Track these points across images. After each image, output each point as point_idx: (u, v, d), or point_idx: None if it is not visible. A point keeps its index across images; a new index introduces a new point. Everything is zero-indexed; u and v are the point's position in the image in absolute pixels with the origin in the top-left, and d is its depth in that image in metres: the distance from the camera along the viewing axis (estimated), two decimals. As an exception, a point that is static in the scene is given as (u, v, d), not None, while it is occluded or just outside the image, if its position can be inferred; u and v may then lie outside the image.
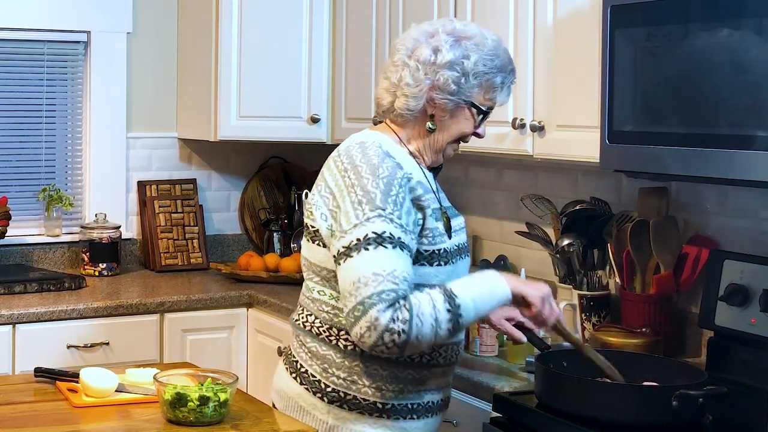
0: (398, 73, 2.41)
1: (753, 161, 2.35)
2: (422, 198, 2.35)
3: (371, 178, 2.29)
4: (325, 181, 2.38)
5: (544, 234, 3.41)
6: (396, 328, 2.19)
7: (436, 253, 2.36)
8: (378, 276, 2.21)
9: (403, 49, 2.43)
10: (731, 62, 2.40)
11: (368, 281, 2.21)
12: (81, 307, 3.71)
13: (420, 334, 2.21)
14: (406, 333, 2.19)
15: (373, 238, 2.23)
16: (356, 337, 2.23)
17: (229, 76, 4.18)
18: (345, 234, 2.26)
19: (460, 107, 2.41)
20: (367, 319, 2.19)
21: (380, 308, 2.18)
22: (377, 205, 2.26)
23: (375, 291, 2.20)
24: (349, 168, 2.33)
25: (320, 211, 2.35)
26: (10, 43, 4.25)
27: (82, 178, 4.42)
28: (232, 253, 4.66)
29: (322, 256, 2.37)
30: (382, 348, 2.21)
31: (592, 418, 2.38)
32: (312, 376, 2.41)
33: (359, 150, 2.35)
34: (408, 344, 2.21)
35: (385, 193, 2.27)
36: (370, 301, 2.19)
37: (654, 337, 2.93)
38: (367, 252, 2.23)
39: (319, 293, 2.41)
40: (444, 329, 2.25)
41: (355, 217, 2.26)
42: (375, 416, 2.39)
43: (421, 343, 2.24)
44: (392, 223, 2.26)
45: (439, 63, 2.38)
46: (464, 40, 2.39)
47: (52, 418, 2.34)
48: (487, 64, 2.39)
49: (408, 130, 2.45)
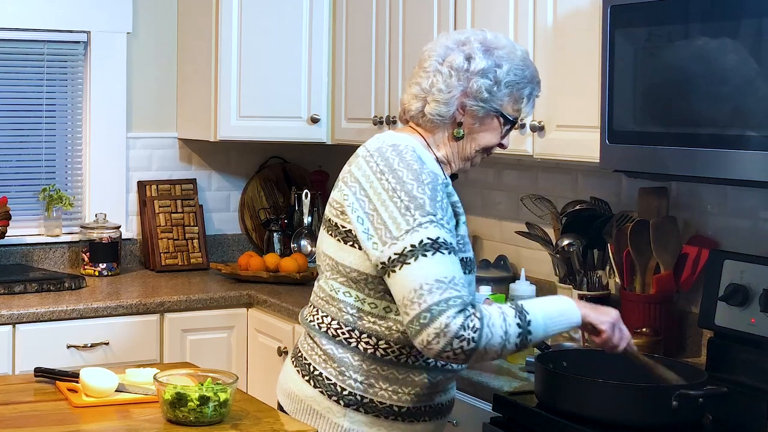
0: (429, 79, 2.40)
1: (753, 161, 2.35)
2: (456, 205, 2.36)
3: (416, 183, 2.27)
4: (359, 182, 2.33)
5: (544, 234, 3.41)
6: (466, 336, 2.17)
7: (464, 260, 2.35)
8: (441, 283, 2.19)
9: (435, 56, 2.41)
10: (731, 62, 2.40)
11: (432, 288, 2.19)
12: (81, 307, 3.71)
13: (489, 344, 2.20)
14: (475, 342, 2.18)
15: (429, 244, 2.22)
16: (422, 344, 2.20)
17: (229, 76, 4.18)
18: (396, 240, 2.23)
19: (489, 116, 2.41)
20: (436, 326, 2.17)
21: (450, 315, 2.17)
22: (428, 210, 2.24)
23: (442, 298, 2.18)
24: (386, 171, 2.30)
25: (356, 214, 2.31)
26: (10, 43, 4.25)
27: (82, 178, 4.42)
28: (232, 253, 4.66)
29: (355, 258, 2.34)
30: (449, 354, 2.19)
31: (592, 418, 2.38)
32: (327, 379, 2.40)
33: (394, 153, 2.32)
34: (476, 353, 2.20)
35: (432, 198, 2.26)
36: (438, 308, 2.18)
37: (654, 337, 2.93)
38: (425, 258, 2.21)
39: (344, 294, 2.38)
40: (512, 344, 2.24)
41: (406, 223, 2.24)
42: (390, 419, 2.39)
43: (487, 353, 2.22)
44: (443, 228, 2.25)
45: (472, 70, 2.37)
46: (495, 50, 2.39)
47: (52, 418, 2.34)
48: (518, 74, 2.40)
49: (437, 135, 2.43)
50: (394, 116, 3.68)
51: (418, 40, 3.54)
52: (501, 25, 3.14)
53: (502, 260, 3.63)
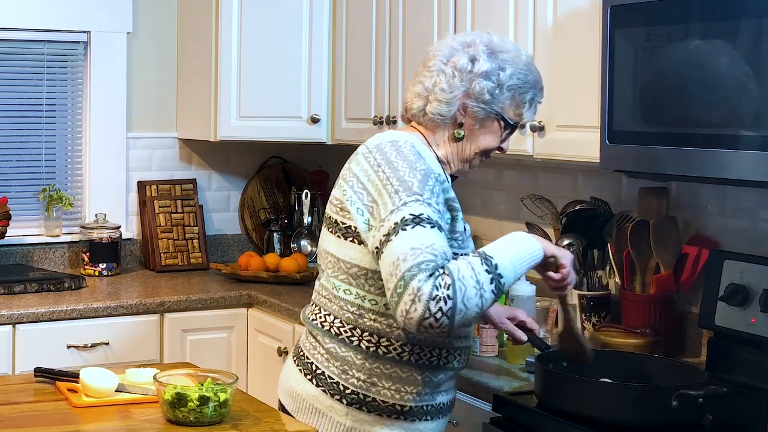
0: (433, 78, 2.42)
1: (753, 161, 2.35)
2: (453, 201, 2.36)
3: (408, 170, 2.28)
4: (357, 176, 2.35)
5: (544, 234, 3.40)
6: (440, 295, 2.14)
7: (463, 257, 2.35)
8: (416, 250, 2.18)
9: (439, 56, 2.43)
10: (731, 62, 2.40)
11: (406, 256, 2.17)
12: (81, 307, 3.71)
13: (465, 297, 2.17)
14: (451, 299, 2.15)
15: (410, 219, 2.21)
16: (402, 316, 2.17)
17: (229, 76, 4.18)
18: (383, 222, 2.24)
19: (490, 118, 2.42)
20: (410, 292, 2.15)
21: (421, 278, 2.15)
22: (414, 191, 2.25)
23: (414, 263, 2.16)
24: (383, 163, 2.31)
25: (356, 206, 2.33)
26: (10, 43, 4.25)
27: (82, 178, 4.42)
28: (232, 253, 4.66)
29: (355, 253, 2.35)
30: (430, 321, 2.15)
31: (592, 418, 2.38)
32: (330, 377, 2.40)
33: (393, 148, 2.34)
34: (456, 311, 2.16)
35: (422, 182, 2.27)
36: (409, 273, 2.16)
37: (654, 337, 2.93)
38: (404, 232, 2.20)
39: (344, 292, 2.39)
40: (488, 291, 2.21)
41: (392, 204, 2.24)
42: (393, 418, 2.39)
43: (468, 309, 2.18)
44: (429, 207, 2.24)
45: (475, 72, 2.39)
46: (500, 53, 2.41)
47: (52, 418, 2.34)
48: (521, 79, 2.41)
49: (437, 135, 2.45)
50: (394, 116, 3.68)
51: (418, 40, 3.54)
52: (501, 25, 3.14)
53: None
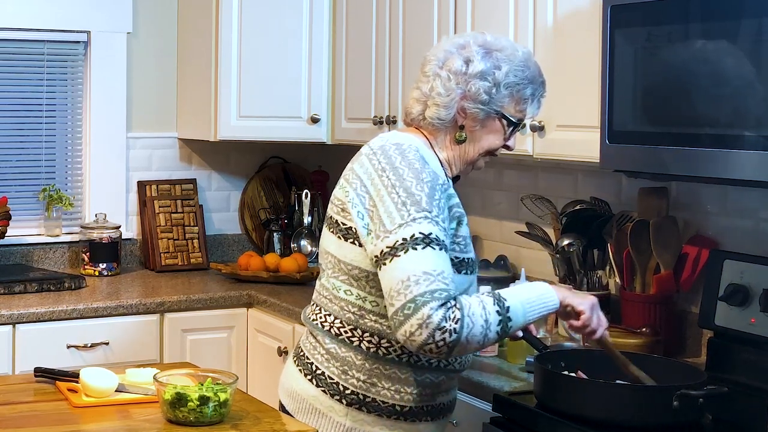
0: (429, 83, 2.42)
1: (753, 161, 2.35)
2: (457, 206, 2.36)
3: (415, 181, 2.28)
4: (360, 179, 2.35)
5: (544, 234, 3.41)
6: (448, 327, 2.16)
7: (465, 261, 2.36)
8: (429, 275, 2.18)
9: (435, 60, 2.43)
10: (731, 62, 2.40)
11: (419, 279, 2.18)
12: (81, 307, 3.71)
13: (470, 334, 2.19)
14: (457, 333, 2.17)
15: (420, 239, 2.22)
16: (404, 336, 2.19)
17: (229, 76, 4.18)
18: (389, 234, 2.24)
19: (491, 118, 2.42)
20: (419, 317, 2.16)
21: (433, 306, 2.16)
22: (423, 207, 2.25)
23: (428, 289, 2.17)
24: (388, 168, 2.31)
25: (357, 209, 2.32)
26: (10, 43, 4.25)
27: (82, 178, 4.42)
28: (232, 253, 4.66)
29: (355, 254, 2.35)
30: (431, 347, 2.17)
31: (592, 418, 2.38)
32: (330, 378, 2.40)
33: (397, 151, 2.34)
34: (458, 345, 2.18)
35: (429, 196, 2.27)
36: (422, 299, 2.17)
37: (654, 337, 2.93)
38: (415, 252, 2.20)
39: (345, 293, 2.39)
40: (493, 332, 2.23)
41: (400, 218, 2.24)
42: (393, 418, 2.39)
43: (470, 344, 2.21)
44: (437, 225, 2.25)
45: (470, 73, 2.38)
46: (495, 52, 2.40)
47: (52, 418, 2.34)
48: (518, 75, 2.40)
49: (440, 138, 2.45)
50: (394, 116, 3.68)
51: (418, 40, 3.54)
52: (501, 25, 3.14)
53: (502, 260, 3.63)
